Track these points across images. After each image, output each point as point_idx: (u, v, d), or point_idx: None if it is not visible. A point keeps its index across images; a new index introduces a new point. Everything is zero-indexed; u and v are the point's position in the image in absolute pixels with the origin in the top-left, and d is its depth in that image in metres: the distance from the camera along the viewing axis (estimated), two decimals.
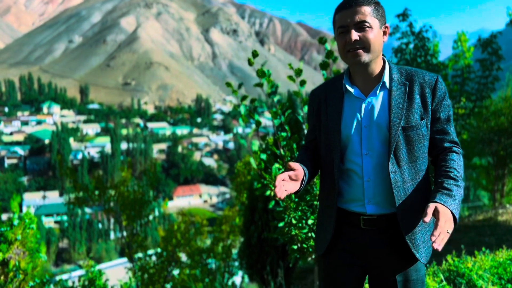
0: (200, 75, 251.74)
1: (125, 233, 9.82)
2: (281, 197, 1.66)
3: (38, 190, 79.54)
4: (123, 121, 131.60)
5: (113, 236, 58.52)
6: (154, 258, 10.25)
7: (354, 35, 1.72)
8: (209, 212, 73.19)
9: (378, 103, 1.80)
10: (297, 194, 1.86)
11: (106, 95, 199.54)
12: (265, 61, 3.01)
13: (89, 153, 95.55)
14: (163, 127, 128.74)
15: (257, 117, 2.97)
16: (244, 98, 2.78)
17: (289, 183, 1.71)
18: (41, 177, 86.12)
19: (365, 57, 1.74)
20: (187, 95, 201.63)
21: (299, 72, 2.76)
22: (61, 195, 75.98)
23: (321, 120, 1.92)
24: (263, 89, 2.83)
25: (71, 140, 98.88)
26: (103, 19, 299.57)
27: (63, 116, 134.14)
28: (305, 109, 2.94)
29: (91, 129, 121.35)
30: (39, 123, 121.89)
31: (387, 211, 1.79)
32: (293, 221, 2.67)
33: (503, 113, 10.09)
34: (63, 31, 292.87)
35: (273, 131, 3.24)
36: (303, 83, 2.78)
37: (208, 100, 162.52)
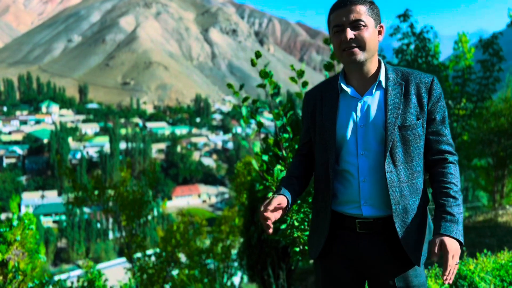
0: (199, 75, 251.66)
1: (124, 233, 9.79)
2: (271, 232, 1.76)
3: (36, 189, 79.41)
4: (122, 120, 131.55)
5: (111, 236, 58.46)
6: (153, 258, 10.22)
7: (349, 34, 1.72)
8: (208, 212, 73.15)
9: (374, 102, 1.78)
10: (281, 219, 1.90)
11: (105, 94, 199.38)
12: (268, 61, 2.99)
13: (87, 153, 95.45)
14: (162, 127, 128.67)
15: (258, 118, 2.95)
16: (245, 99, 2.77)
17: (272, 214, 1.75)
18: (39, 176, 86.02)
19: (361, 56, 1.74)
20: (186, 95, 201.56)
21: (301, 73, 2.74)
22: (59, 194, 75.87)
23: (316, 120, 1.90)
24: (265, 89, 2.81)
25: (70, 139, 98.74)
26: (102, 19, 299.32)
27: (62, 115, 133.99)
28: None
29: (90, 129, 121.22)
30: (37, 122, 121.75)
31: (383, 213, 1.76)
32: (295, 223, 2.65)
33: (503, 114, 10.09)
34: (62, 30, 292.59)
35: (273, 131, 3.22)
36: (305, 84, 2.76)
37: (207, 100, 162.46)
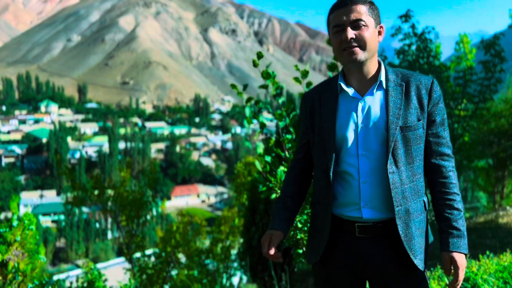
0: (198, 75, 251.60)
1: (123, 234, 9.77)
2: (280, 260, 1.86)
3: (35, 189, 79.29)
4: (121, 120, 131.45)
5: (110, 235, 58.44)
6: (153, 258, 10.20)
7: (350, 33, 1.71)
8: (207, 212, 73.14)
9: (375, 102, 1.77)
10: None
11: (104, 94, 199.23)
12: (270, 62, 2.97)
13: (86, 152, 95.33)
14: (161, 127, 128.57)
15: (261, 119, 2.94)
16: (249, 99, 2.75)
17: (276, 252, 1.83)
18: (38, 176, 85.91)
19: (361, 55, 1.73)
20: (186, 95, 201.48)
21: (305, 73, 2.72)
22: (58, 194, 75.78)
23: (315, 121, 1.88)
24: (267, 90, 2.79)
25: (69, 139, 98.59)
26: (101, 18, 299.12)
27: (61, 115, 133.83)
28: None
29: (89, 128, 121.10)
30: (36, 122, 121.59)
31: (384, 216, 1.74)
32: (299, 225, 2.63)
33: (504, 115, 10.10)
34: (61, 30, 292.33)
35: (274, 131, 3.20)
36: (309, 84, 2.74)
37: (206, 99, 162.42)
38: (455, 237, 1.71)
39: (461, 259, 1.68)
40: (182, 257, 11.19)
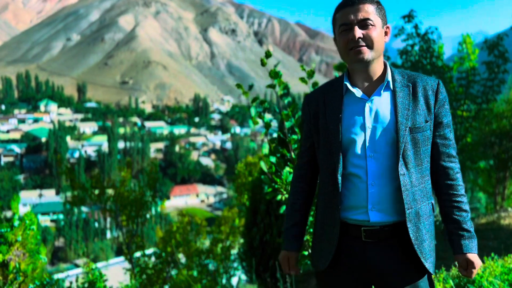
0: (198, 75, 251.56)
1: (124, 234, 9.74)
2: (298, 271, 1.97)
3: (34, 188, 79.19)
4: (121, 120, 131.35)
5: (109, 235, 58.40)
6: (153, 258, 10.17)
7: (358, 32, 1.70)
8: (206, 211, 73.11)
9: (382, 103, 1.74)
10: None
11: (103, 93, 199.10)
12: (279, 61, 2.95)
13: (86, 152, 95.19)
14: (160, 126, 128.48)
15: (266, 119, 2.91)
16: (255, 99, 2.72)
17: (295, 268, 1.94)
18: (37, 175, 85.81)
19: (369, 55, 1.72)
20: (185, 95, 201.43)
21: (311, 73, 2.69)
22: (57, 193, 75.70)
23: (319, 123, 1.84)
24: (275, 90, 2.77)
25: (68, 138, 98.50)
26: (101, 18, 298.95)
27: (60, 114, 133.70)
28: None
29: (88, 128, 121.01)
30: (36, 121, 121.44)
31: (391, 219, 1.71)
32: None
33: (505, 116, 10.08)
34: (61, 29, 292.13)
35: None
36: (315, 85, 2.71)
37: (206, 99, 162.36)
38: (467, 239, 1.75)
39: (477, 260, 1.74)
40: (182, 257, 11.16)
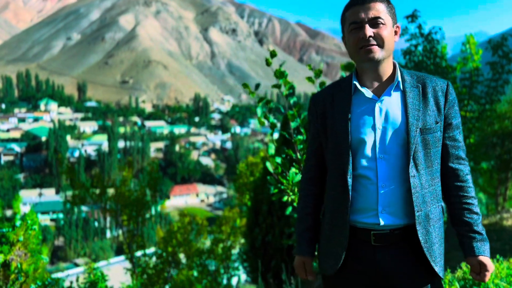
0: (198, 74, 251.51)
1: (125, 234, 9.72)
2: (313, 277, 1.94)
3: (34, 187, 79.18)
4: (121, 119, 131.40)
5: (109, 234, 58.38)
6: (154, 258, 10.15)
7: (368, 31, 1.68)
8: (206, 211, 73.10)
9: (393, 103, 1.72)
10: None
11: (104, 93, 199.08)
12: (284, 61, 2.92)
13: (86, 151, 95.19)
14: (160, 126, 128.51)
15: (271, 119, 2.88)
16: (261, 99, 2.69)
17: (311, 273, 1.92)
18: (37, 174, 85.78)
19: (379, 54, 1.70)
20: (185, 94, 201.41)
21: (319, 73, 2.66)
22: (57, 192, 75.68)
23: (327, 124, 1.80)
24: (280, 90, 2.74)
25: (68, 137, 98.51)
26: (101, 17, 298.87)
27: (60, 113, 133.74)
28: None
29: (88, 127, 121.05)
30: (36, 120, 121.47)
31: (402, 222, 1.68)
32: None
33: (508, 117, 10.04)
34: (61, 28, 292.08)
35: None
36: (322, 84, 2.69)
37: (206, 99, 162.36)
38: (479, 241, 1.72)
39: (489, 263, 1.69)
40: (183, 257, 11.14)
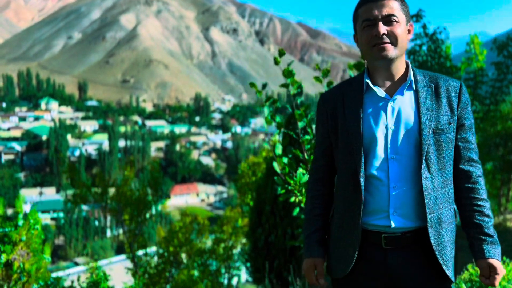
0: (199, 74, 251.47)
1: (126, 233, 9.69)
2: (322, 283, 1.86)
3: (34, 186, 79.16)
4: (121, 118, 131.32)
5: (109, 234, 58.37)
6: (155, 258, 10.12)
7: (382, 29, 1.66)
8: (206, 211, 73.09)
9: (405, 103, 1.68)
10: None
11: (104, 92, 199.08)
12: (292, 60, 2.89)
13: (86, 150, 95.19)
14: (161, 125, 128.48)
15: (278, 119, 2.85)
16: (268, 99, 2.67)
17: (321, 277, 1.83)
18: (38, 173, 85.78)
19: (392, 52, 1.67)
20: (186, 94, 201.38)
21: (326, 73, 2.63)
22: (58, 191, 75.68)
23: (337, 124, 1.76)
24: (288, 89, 2.71)
25: (69, 136, 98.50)
26: (102, 16, 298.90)
27: (61, 112, 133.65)
28: None
29: (89, 126, 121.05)
30: (36, 119, 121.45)
31: (414, 224, 1.65)
32: None
33: (510, 118, 10.01)
34: (62, 27, 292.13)
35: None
36: (330, 84, 2.65)
37: (207, 99, 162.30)
38: (489, 244, 1.68)
39: (500, 266, 1.65)
40: (184, 257, 11.12)
